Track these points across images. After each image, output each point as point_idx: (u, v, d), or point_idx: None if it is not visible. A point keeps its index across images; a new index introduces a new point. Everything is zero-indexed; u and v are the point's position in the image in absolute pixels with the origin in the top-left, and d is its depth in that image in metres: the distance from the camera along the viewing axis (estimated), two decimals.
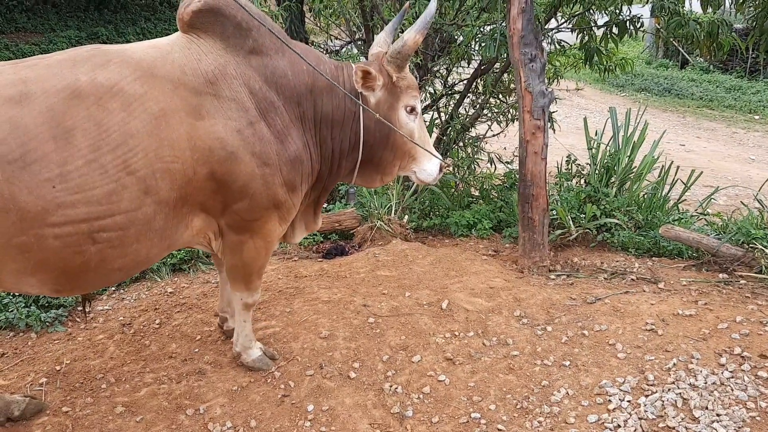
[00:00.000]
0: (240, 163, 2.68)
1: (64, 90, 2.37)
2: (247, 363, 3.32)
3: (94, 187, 2.36)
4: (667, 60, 17.71)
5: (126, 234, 2.48)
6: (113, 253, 2.49)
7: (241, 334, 3.31)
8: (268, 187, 2.79)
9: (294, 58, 2.86)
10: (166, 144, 2.50)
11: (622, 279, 4.18)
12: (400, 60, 2.92)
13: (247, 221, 2.86)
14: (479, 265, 4.35)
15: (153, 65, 2.58)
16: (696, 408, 2.87)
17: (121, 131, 2.42)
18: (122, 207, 2.43)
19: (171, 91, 2.56)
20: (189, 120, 2.58)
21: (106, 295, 4.28)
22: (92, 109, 2.38)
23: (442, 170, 3.23)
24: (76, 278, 2.52)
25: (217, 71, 2.67)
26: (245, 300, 3.19)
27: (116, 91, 2.45)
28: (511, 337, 3.50)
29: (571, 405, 2.98)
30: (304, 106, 2.90)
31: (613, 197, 4.91)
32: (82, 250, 2.41)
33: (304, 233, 3.35)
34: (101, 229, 2.41)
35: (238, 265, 3.03)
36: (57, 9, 14.64)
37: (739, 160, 10.46)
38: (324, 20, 6.41)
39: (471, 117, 6.25)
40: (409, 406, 3.04)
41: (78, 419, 3.03)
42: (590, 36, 5.44)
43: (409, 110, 3.04)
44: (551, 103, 4.31)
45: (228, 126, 2.65)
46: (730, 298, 3.78)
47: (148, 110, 2.49)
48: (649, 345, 3.32)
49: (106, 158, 2.37)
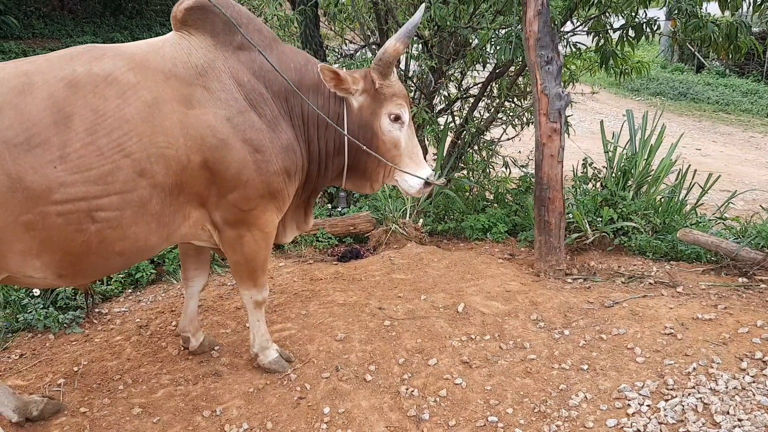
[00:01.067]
0: (231, 149, 2.76)
1: (63, 80, 2.51)
2: (263, 364, 3.33)
3: (91, 167, 2.48)
4: (682, 64, 17.61)
5: (123, 215, 2.59)
6: (113, 234, 2.59)
7: (257, 335, 3.32)
8: (261, 174, 2.84)
9: (282, 56, 2.95)
10: (159, 130, 2.62)
11: (640, 283, 4.15)
12: (382, 67, 2.92)
13: (244, 212, 2.89)
14: (495, 269, 4.33)
15: (145, 58, 2.71)
16: (717, 413, 2.83)
17: (116, 117, 2.54)
18: (117, 187, 2.54)
19: (163, 82, 2.68)
20: (181, 109, 2.69)
21: (123, 297, 4.31)
22: (89, 97, 2.52)
23: (430, 184, 3.10)
24: (79, 261, 2.61)
25: (207, 64, 2.79)
26: (255, 297, 3.21)
27: (111, 80, 2.58)
28: (528, 340, 3.48)
29: (589, 409, 2.95)
30: (292, 102, 2.97)
31: (630, 200, 4.88)
32: (83, 228, 2.52)
33: (295, 233, 3.37)
34: (99, 208, 2.53)
35: (240, 262, 3.06)
36: (73, 15, 14.82)
37: (756, 164, 10.36)
38: (339, 24, 6.43)
39: (486, 120, 6.24)
40: (425, 409, 3.03)
41: (95, 420, 3.04)
42: (606, 39, 5.42)
43: (393, 118, 3.00)
44: (567, 105, 4.29)
45: (218, 114, 2.74)
46: (750, 302, 3.74)
47: (142, 98, 2.60)
48: (668, 349, 3.29)
49: (102, 141, 2.50)
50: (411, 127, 3.10)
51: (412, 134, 3.10)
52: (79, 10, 14.98)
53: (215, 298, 4.15)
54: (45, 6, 14.40)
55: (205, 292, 4.26)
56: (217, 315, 3.93)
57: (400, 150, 3.05)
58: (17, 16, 12.85)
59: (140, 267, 4.40)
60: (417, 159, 3.10)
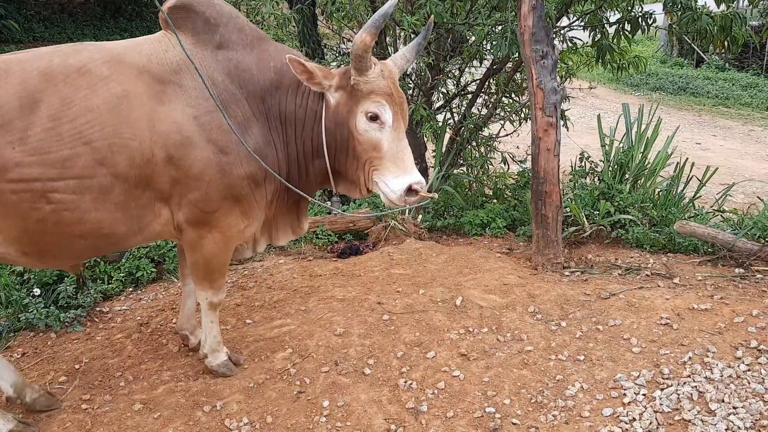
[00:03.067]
0: (195, 148, 2.77)
1: (38, 69, 2.63)
2: (211, 366, 3.31)
3: (49, 151, 2.58)
4: (681, 59, 17.60)
5: (81, 199, 2.67)
6: (69, 216, 2.68)
7: (209, 336, 3.29)
8: (224, 176, 2.83)
9: (263, 54, 2.90)
10: (125, 122, 2.67)
11: (637, 275, 4.17)
12: (354, 61, 2.75)
13: (206, 213, 2.89)
14: (493, 263, 4.36)
15: (122, 53, 2.78)
16: (712, 401, 2.86)
17: (81, 105, 2.63)
18: (75, 173, 2.63)
19: (135, 76, 2.73)
20: (150, 104, 2.73)
21: (124, 296, 4.34)
22: (60, 86, 2.62)
23: (416, 192, 2.81)
24: (37, 239, 2.72)
25: (182, 62, 2.80)
26: (210, 299, 3.18)
27: (84, 71, 2.67)
28: (525, 332, 3.51)
29: (585, 399, 2.98)
30: (269, 102, 2.92)
31: (627, 194, 4.90)
32: (37, 207, 2.63)
33: (289, 237, 3.32)
34: (54, 190, 2.62)
35: (199, 263, 3.06)
36: (74, 18, 14.87)
37: (756, 157, 10.36)
38: (336, 23, 6.44)
39: (484, 117, 6.26)
40: (423, 401, 3.06)
41: (97, 416, 3.07)
42: (602, 33, 5.43)
43: (370, 117, 2.80)
44: (563, 99, 4.31)
45: (186, 112, 2.76)
46: (746, 292, 3.76)
47: (112, 90, 2.67)
48: (664, 339, 3.31)
49: (64, 128, 2.60)
50: (398, 129, 2.84)
51: (398, 137, 2.84)
52: (80, 13, 15.03)
53: None
54: (45, 9, 14.45)
55: None
56: None
57: (380, 153, 2.83)
58: (18, 20, 12.91)
59: (140, 266, 4.44)
60: (402, 165, 2.83)
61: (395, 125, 2.83)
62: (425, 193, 2.83)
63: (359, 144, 2.86)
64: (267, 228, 3.23)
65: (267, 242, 3.31)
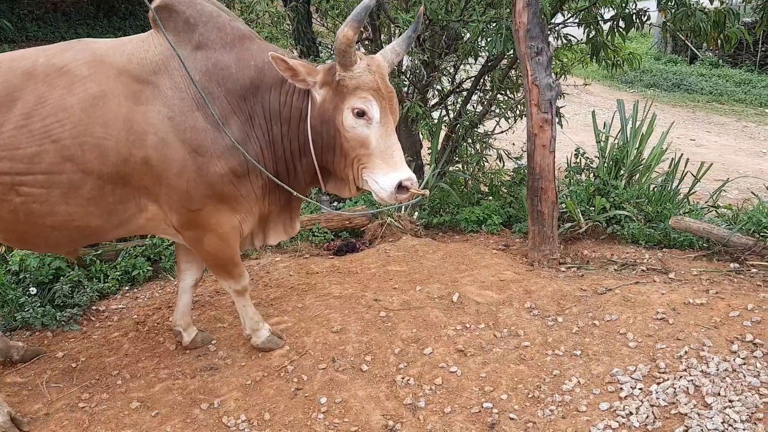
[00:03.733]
0: (171, 148, 2.80)
1: (22, 68, 2.75)
2: (257, 345, 3.44)
3: (18, 147, 2.70)
4: (676, 55, 17.67)
5: (50, 193, 2.77)
6: (40, 209, 2.80)
7: (246, 318, 3.43)
8: (201, 175, 2.85)
9: (244, 54, 2.89)
10: (99, 121, 2.73)
11: (633, 270, 4.19)
12: (338, 56, 2.71)
13: (192, 212, 2.92)
14: (489, 259, 4.37)
15: (105, 53, 2.83)
16: (708, 394, 2.87)
17: (55, 105, 2.71)
18: (42, 168, 2.73)
19: (114, 77, 2.79)
20: (127, 104, 2.77)
21: (120, 295, 4.33)
22: (39, 85, 2.72)
23: (407, 189, 2.77)
24: (14, 228, 2.88)
25: (161, 62, 2.84)
26: (234, 288, 3.30)
27: (65, 71, 2.75)
28: (521, 328, 3.52)
29: (582, 393, 2.99)
30: (251, 101, 2.91)
31: (623, 189, 4.91)
32: (8, 199, 2.77)
33: (281, 236, 3.33)
34: (22, 184, 2.75)
35: (207, 259, 3.17)
36: (67, 17, 14.79)
37: (751, 153, 10.42)
38: (331, 21, 6.43)
39: (479, 114, 6.27)
40: (421, 397, 3.06)
41: (94, 414, 3.07)
42: (597, 30, 5.45)
43: (357, 113, 2.75)
44: (558, 96, 4.32)
45: (161, 112, 2.79)
46: (741, 286, 3.78)
47: (88, 90, 2.74)
48: (660, 334, 3.33)
49: (35, 125, 2.70)
50: (387, 125, 2.80)
51: (387, 133, 2.80)
52: (73, 12, 14.96)
53: (212, 294, 4.18)
54: (38, 9, 14.37)
55: (202, 288, 4.29)
56: (214, 310, 3.96)
57: (369, 149, 2.79)
58: (11, 19, 12.84)
59: (137, 264, 4.43)
60: (392, 161, 2.79)
61: (383, 121, 2.78)
62: (416, 189, 2.79)
63: (346, 141, 2.82)
64: (262, 226, 3.24)
65: (262, 240, 3.33)
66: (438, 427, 2.86)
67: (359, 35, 6.68)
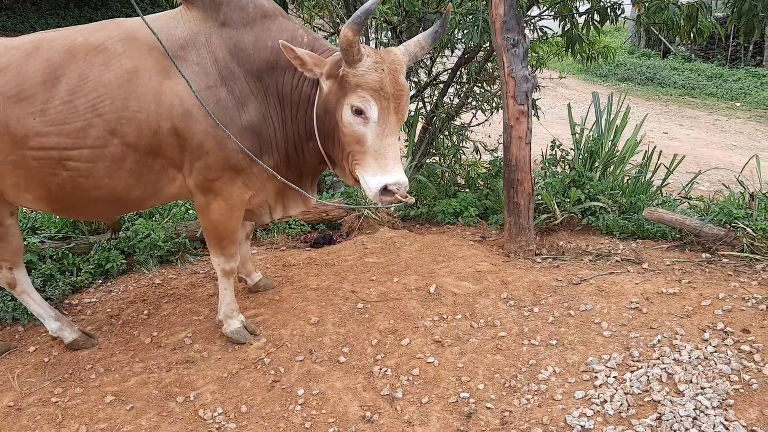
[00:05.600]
0: (195, 121, 2.91)
1: (63, 47, 2.90)
2: (225, 333, 3.48)
3: (65, 122, 2.86)
4: (649, 49, 17.88)
5: (95, 167, 2.94)
6: (85, 182, 2.98)
7: (224, 302, 3.47)
8: (221, 148, 2.97)
9: (263, 33, 2.97)
10: (133, 96, 2.87)
11: (607, 261, 4.23)
12: (343, 54, 2.73)
13: (209, 181, 3.06)
14: (466, 250, 4.38)
15: (137, 30, 2.94)
16: (680, 382, 2.91)
17: (96, 81, 2.86)
18: (88, 142, 2.89)
19: (146, 52, 2.91)
20: (158, 78, 2.90)
21: (93, 288, 4.27)
22: (79, 63, 2.87)
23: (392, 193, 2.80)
24: (61, 199, 3.07)
25: (188, 38, 2.94)
26: (222, 266, 3.38)
27: (101, 48, 2.90)
28: (498, 318, 3.54)
29: (558, 382, 3.02)
30: (266, 81, 3.00)
31: (597, 181, 4.96)
32: (56, 173, 2.95)
33: (300, 207, 3.46)
34: (69, 158, 2.91)
35: (209, 228, 3.28)
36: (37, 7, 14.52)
37: (722, 146, 10.58)
38: (307, 12, 6.40)
39: (456, 106, 6.27)
40: (398, 387, 3.07)
41: (68, 409, 3.03)
42: (572, 23, 5.48)
43: (355, 111, 2.76)
44: (534, 88, 4.34)
45: (188, 86, 2.88)
46: (712, 276, 3.84)
47: (123, 66, 2.88)
48: (633, 323, 3.37)
49: (79, 101, 2.85)
50: (384, 125, 2.79)
51: (384, 134, 2.80)
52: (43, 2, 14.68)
53: (187, 286, 4.15)
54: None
55: (178, 281, 4.26)
56: (190, 302, 3.92)
57: (364, 147, 2.82)
58: None
59: (110, 257, 4.37)
60: (383, 162, 2.80)
61: (381, 122, 2.78)
62: (401, 196, 2.80)
63: (344, 135, 2.86)
64: (281, 198, 3.35)
65: (282, 211, 3.42)
66: (415, 418, 2.87)
67: (335, 26, 6.67)
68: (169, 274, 4.39)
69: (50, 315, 3.48)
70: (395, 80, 2.79)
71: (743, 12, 4.52)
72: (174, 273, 4.40)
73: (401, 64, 2.85)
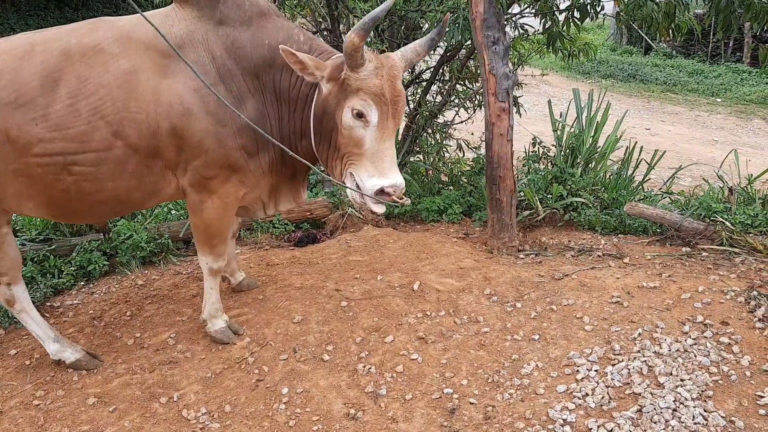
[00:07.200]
0: (196, 119, 2.90)
1: (57, 49, 2.84)
2: (210, 333, 3.47)
3: (68, 127, 2.81)
4: (631, 46, 18.00)
5: (99, 170, 2.90)
6: (90, 186, 2.93)
7: (208, 302, 3.45)
8: (221, 146, 2.97)
9: (259, 31, 2.98)
10: (133, 96, 2.85)
11: (589, 256, 4.27)
12: (346, 58, 2.75)
13: (206, 179, 3.05)
14: (449, 248, 4.40)
15: (132, 30, 2.93)
16: (661, 374, 2.95)
17: (96, 83, 2.82)
18: (93, 146, 2.85)
19: (143, 52, 2.89)
20: (155, 78, 2.88)
21: (75, 290, 4.24)
22: (76, 65, 2.82)
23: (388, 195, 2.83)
24: (64, 205, 3.01)
25: (186, 36, 2.93)
26: (210, 265, 3.35)
27: (98, 50, 2.86)
28: (481, 314, 3.56)
29: (540, 377, 3.04)
30: (263, 79, 3.01)
31: (579, 177, 5.00)
32: (60, 179, 2.89)
33: (291, 204, 3.47)
34: (74, 163, 2.86)
35: (200, 226, 3.24)
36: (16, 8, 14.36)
37: (703, 142, 10.69)
38: (289, 11, 6.38)
39: (438, 104, 6.29)
40: (382, 384, 3.08)
41: (49, 411, 3.01)
42: (553, 21, 5.51)
43: (356, 114, 2.79)
44: (515, 85, 4.36)
45: (187, 85, 2.89)
46: (692, 269, 3.89)
47: (121, 67, 2.85)
48: (615, 317, 3.40)
49: (81, 104, 2.81)
50: (383, 129, 2.82)
51: (382, 138, 2.83)
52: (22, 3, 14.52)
53: (170, 287, 4.13)
54: None
55: (161, 281, 4.24)
56: (173, 303, 3.91)
57: (361, 149, 2.84)
58: None
59: (92, 259, 4.34)
60: (380, 165, 2.83)
61: (380, 126, 2.82)
62: (397, 197, 2.84)
63: (342, 137, 2.88)
64: (274, 194, 3.37)
65: (275, 206, 3.44)
66: (399, 414, 2.88)
67: (318, 26, 6.67)
68: (152, 275, 4.37)
69: (49, 336, 3.32)
70: (393, 86, 2.83)
71: (720, 8, 4.56)
72: (157, 274, 4.38)
73: (399, 69, 2.89)
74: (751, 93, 14.01)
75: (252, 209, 3.45)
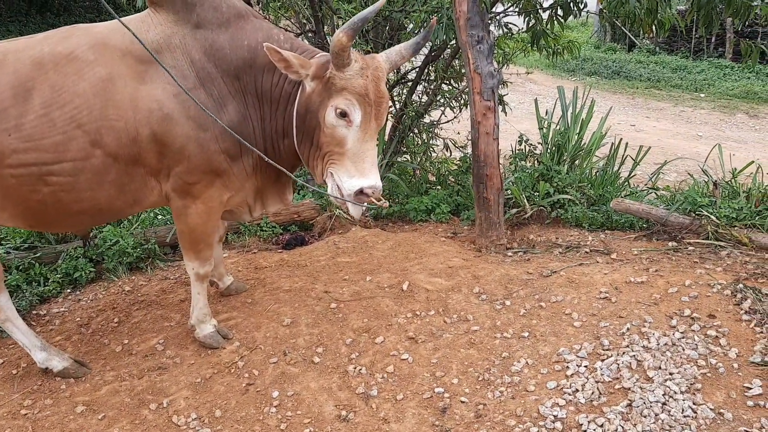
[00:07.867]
0: (176, 124, 2.88)
1: (30, 58, 2.79)
2: (198, 338, 3.45)
3: (43, 137, 2.76)
4: (615, 44, 18.12)
5: (77, 180, 2.86)
6: (67, 196, 2.89)
7: (196, 307, 3.43)
8: (203, 151, 2.95)
9: (238, 33, 2.95)
10: (110, 104, 2.81)
11: (577, 252, 4.29)
12: (332, 57, 2.74)
13: (189, 184, 3.02)
14: (438, 247, 4.41)
15: (107, 36, 2.89)
16: (650, 368, 2.97)
17: (70, 91, 2.77)
18: (69, 156, 2.80)
19: (119, 59, 2.85)
20: (133, 84, 2.84)
21: (62, 298, 4.20)
22: (50, 74, 2.78)
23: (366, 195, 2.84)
24: (41, 216, 2.97)
25: (163, 41, 2.89)
26: (197, 270, 3.33)
27: (72, 57, 2.81)
28: (471, 313, 3.56)
29: (530, 374, 3.05)
30: (244, 80, 2.98)
31: (565, 174, 5.02)
32: (36, 189, 2.84)
33: (278, 205, 3.45)
34: (51, 173, 2.82)
35: (185, 232, 3.21)
36: None
37: (688, 137, 10.78)
38: (273, 12, 6.36)
39: (424, 104, 6.30)
40: (373, 385, 3.07)
41: (37, 421, 2.98)
42: (536, 19, 5.53)
43: (339, 113, 2.79)
44: (500, 83, 4.37)
45: (167, 90, 2.86)
46: (679, 264, 3.92)
47: (97, 74, 2.81)
48: (603, 312, 3.42)
49: (55, 114, 2.76)
50: (365, 130, 2.82)
51: (364, 139, 2.83)
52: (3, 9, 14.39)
53: (158, 293, 4.10)
54: None
55: (148, 287, 4.20)
56: (161, 309, 3.88)
57: (343, 149, 2.84)
58: None
59: (78, 266, 4.30)
60: (361, 166, 2.84)
61: (363, 126, 2.82)
62: (375, 199, 2.86)
63: (324, 136, 2.88)
64: (260, 196, 3.34)
65: (261, 208, 3.41)
66: (391, 415, 2.88)
67: (302, 27, 6.65)
68: (139, 280, 4.34)
69: (36, 345, 3.26)
70: (377, 87, 2.83)
71: (701, 4, 4.60)
72: (144, 279, 4.35)
73: (383, 71, 2.89)
74: (734, 88, 14.15)
75: (238, 212, 3.42)
